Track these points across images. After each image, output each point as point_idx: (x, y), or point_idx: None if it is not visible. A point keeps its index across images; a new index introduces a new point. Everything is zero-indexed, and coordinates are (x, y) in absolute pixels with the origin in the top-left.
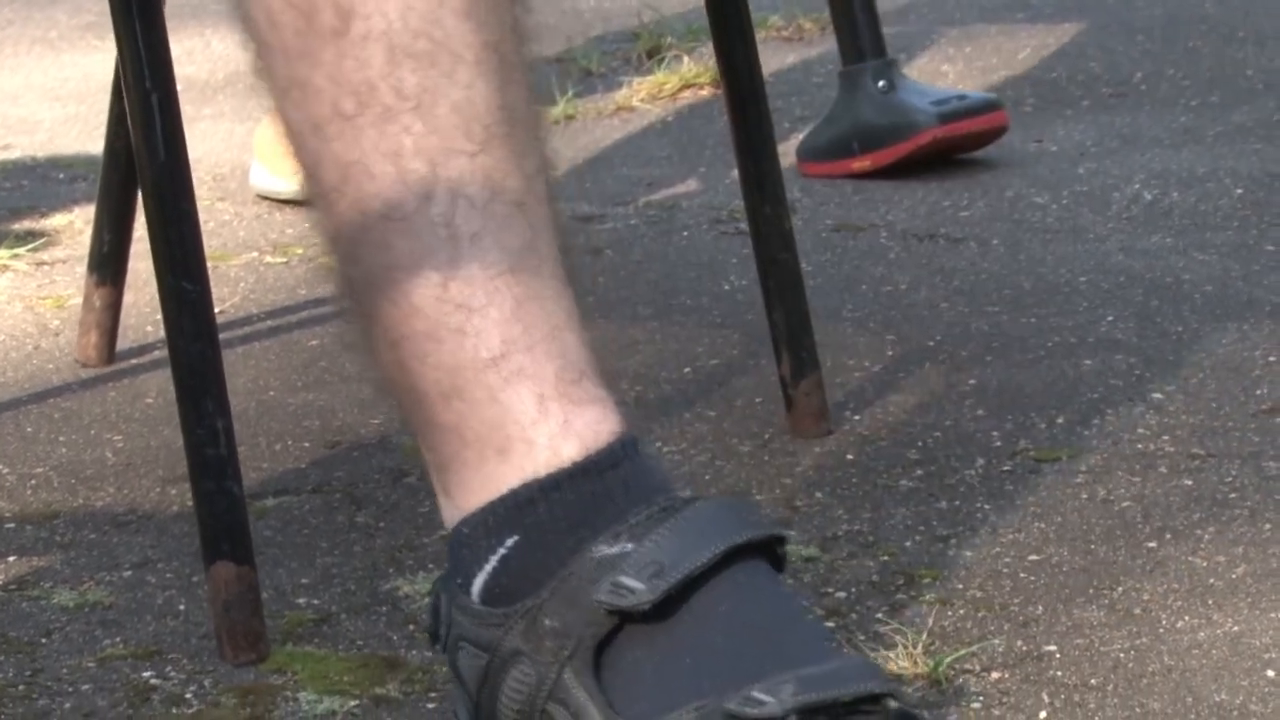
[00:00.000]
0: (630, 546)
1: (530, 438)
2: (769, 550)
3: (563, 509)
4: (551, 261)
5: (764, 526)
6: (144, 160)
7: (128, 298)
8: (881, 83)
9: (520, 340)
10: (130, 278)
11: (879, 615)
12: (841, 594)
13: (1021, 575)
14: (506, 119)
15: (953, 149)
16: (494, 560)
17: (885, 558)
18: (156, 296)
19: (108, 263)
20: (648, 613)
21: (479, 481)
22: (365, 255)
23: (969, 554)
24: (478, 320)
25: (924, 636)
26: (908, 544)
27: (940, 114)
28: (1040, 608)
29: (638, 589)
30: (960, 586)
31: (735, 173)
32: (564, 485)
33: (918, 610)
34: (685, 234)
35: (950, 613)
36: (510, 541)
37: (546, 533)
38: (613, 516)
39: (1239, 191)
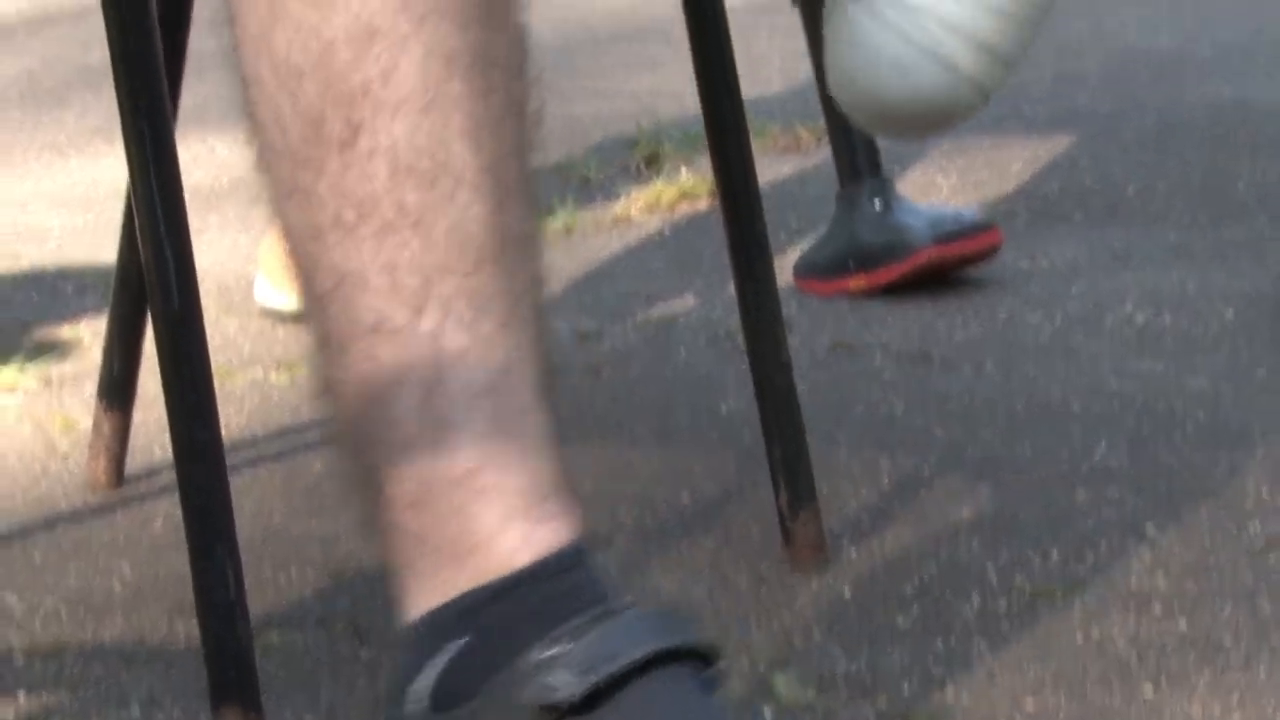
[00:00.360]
0: (565, 648)
1: (489, 549)
2: (706, 660)
3: (512, 611)
4: (531, 380)
5: (693, 635)
6: (157, 307)
7: (135, 416)
8: (878, 202)
9: (493, 459)
10: (138, 395)
11: None
12: None
13: None
14: (500, 240)
15: (947, 268)
16: (444, 660)
17: (882, 701)
18: (164, 416)
19: (117, 389)
20: (578, 708)
21: (435, 585)
22: (351, 362)
23: (965, 697)
24: (454, 436)
25: None
26: (904, 686)
27: (935, 235)
28: None
29: (565, 684)
30: None
31: (732, 287)
32: (514, 590)
33: None
34: (682, 352)
35: None
36: (461, 642)
37: (495, 635)
38: (556, 620)
39: (1230, 313)
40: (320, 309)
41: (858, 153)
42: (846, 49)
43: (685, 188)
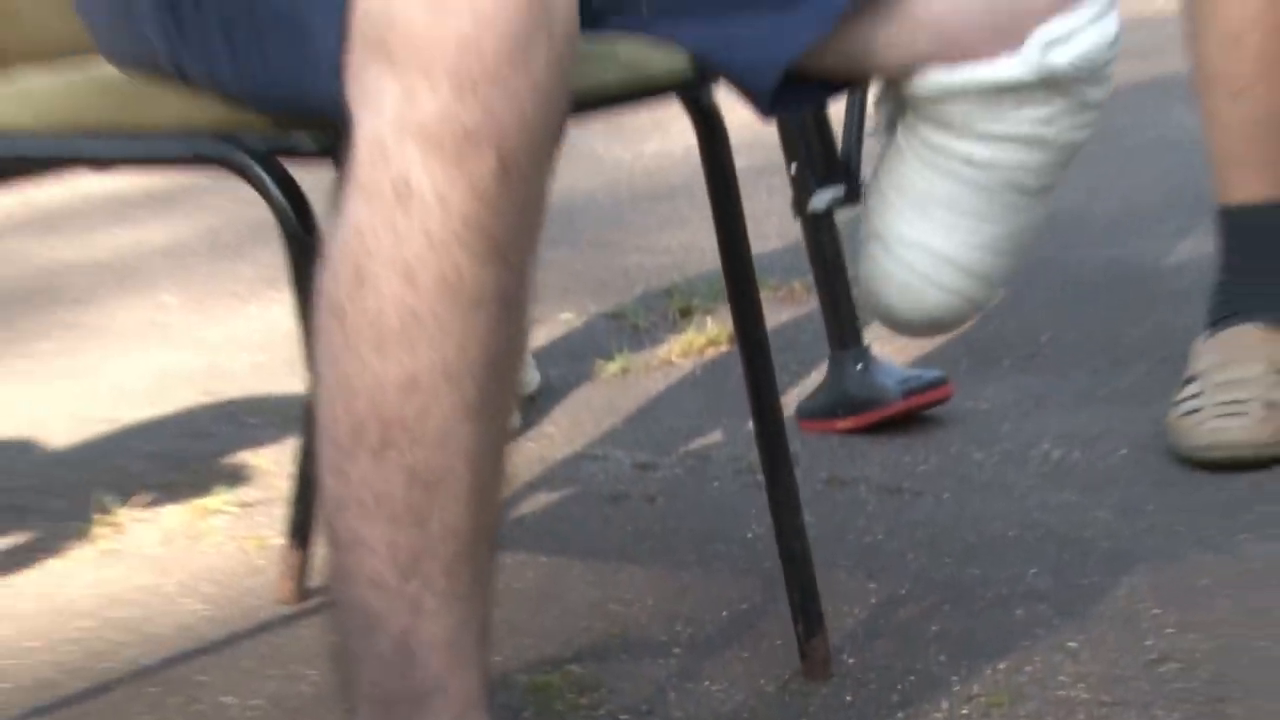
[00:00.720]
0: None
1: None
2: None
3: None
4: (478, 629)
5: None
6: None
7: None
8: (859, 365)
9: (441, 687)
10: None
11: None
12: None
13: None
14: (474, 534)
15: (913, 413)
16: None
17: None
18: None
19: (300, 530)
20: None
21: None
22: (352, 594)
23: None
24: (417, 668)
25: None
26: None
27: (903, 391)
28: None
29: None
30: None
31: (750, 424)
32: None
33: None
34: (716, 484)
35: None
36: None
37: None
38: None
39: (1124, 452)
40: (336, 549)
41: (845, 328)
42: (870, 271)
43: (711, 335)
